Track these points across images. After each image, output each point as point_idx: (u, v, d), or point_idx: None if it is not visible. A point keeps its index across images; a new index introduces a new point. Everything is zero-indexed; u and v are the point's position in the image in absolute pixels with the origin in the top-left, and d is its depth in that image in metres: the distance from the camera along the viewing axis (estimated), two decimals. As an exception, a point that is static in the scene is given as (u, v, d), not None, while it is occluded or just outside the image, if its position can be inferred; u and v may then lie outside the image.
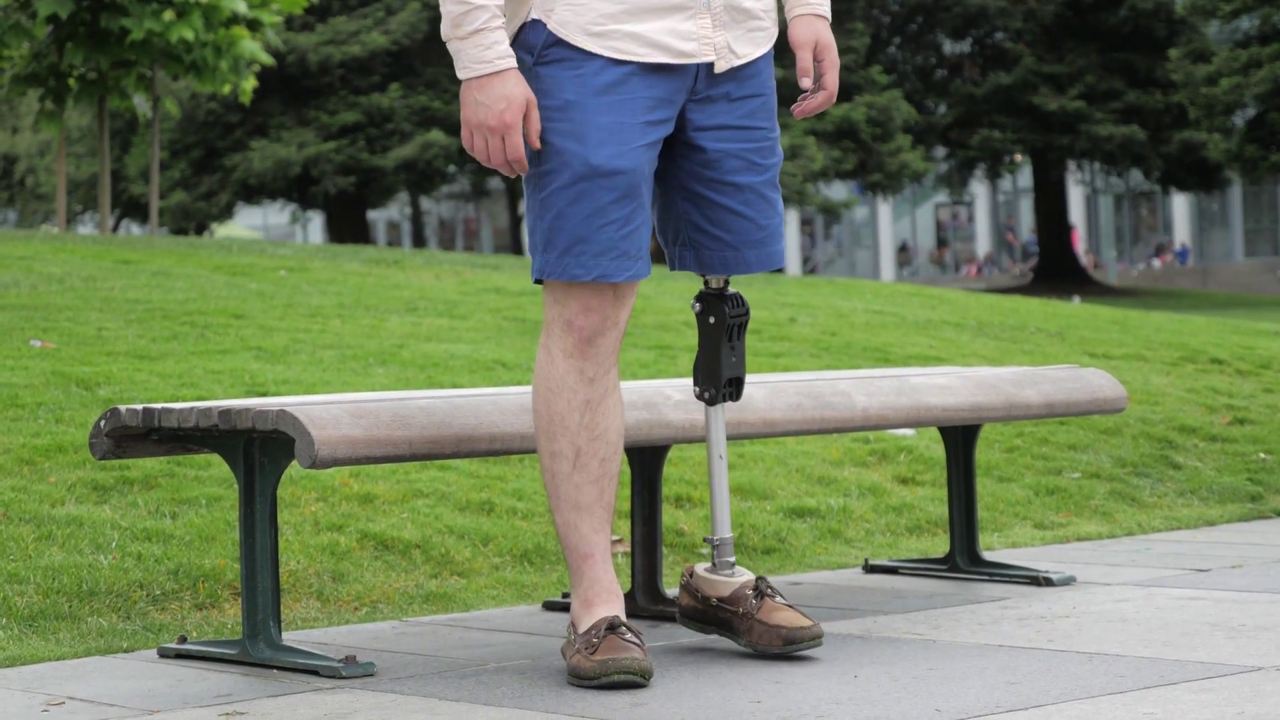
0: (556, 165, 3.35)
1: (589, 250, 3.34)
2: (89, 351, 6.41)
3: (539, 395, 3.41)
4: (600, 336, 3.38)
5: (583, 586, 3.41)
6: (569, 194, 3.35)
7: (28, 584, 4.04)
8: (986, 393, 4.36)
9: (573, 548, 3.41)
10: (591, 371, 3.38)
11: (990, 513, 5.56)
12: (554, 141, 3.35)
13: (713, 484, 3.63)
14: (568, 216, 3.35)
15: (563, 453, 3.39)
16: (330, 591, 4.26)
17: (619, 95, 3.36)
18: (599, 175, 3.34)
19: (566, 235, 3.35)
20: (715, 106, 3.47)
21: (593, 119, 3.34)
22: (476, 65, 3.29)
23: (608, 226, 3.35)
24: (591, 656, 3.29)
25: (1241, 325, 11.53)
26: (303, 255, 12.11)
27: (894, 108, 35.42)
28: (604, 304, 3.38)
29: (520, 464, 5.30)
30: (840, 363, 7.68)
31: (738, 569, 3.64)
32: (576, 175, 3.34)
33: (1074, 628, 3.82)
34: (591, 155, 3.34)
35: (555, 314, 3.39)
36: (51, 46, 16.30)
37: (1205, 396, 7.42)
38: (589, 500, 3.39)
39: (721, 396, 3.62)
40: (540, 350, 3.42)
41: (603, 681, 3.27)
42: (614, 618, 3.35)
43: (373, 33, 34.46)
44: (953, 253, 60.51)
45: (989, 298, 13.07)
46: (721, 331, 3.59)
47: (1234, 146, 34.03)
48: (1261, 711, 2.93)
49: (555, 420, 3.38)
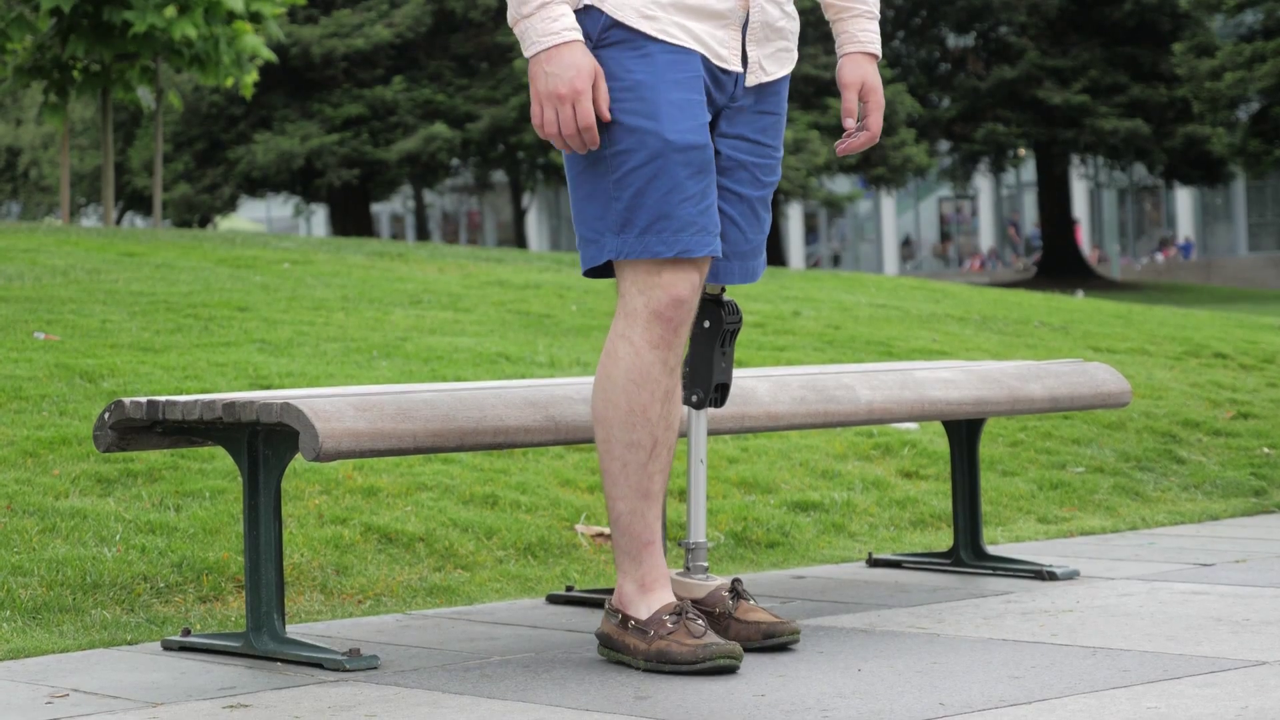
0: (632, 144, 3.36)
1: (669, 227, 3.35)
2: (93, 344, 6.41)
3: (618, 387, 3.38)
4: (684, 326, 3.38)
5: (640, 572, 3.41)
6: (646, 171, 3.35)
7: (32, 576, 4.04)
8: (990, 387, 4.36)
9: (636, 535, 3.41)
10: (673, 361, 3.39)
11: (994, 507, 5.56)
12: (625, 121, 3.36)
13: (691, 488, 3.64)
14: (647, 194, 3.35)
15: (641, 443, 3.38)
16: (334, 584, 4.26)
17: (685, 73, 3.40)
18: (675, 151, 3.36)
19: (647, 213, 3.35)
20: (739, 116, 3.52)
21: (664, 95, 3.37)
22: (544, 38, 3.32)
23: (686, 202, 3.36)
24: (685, 641, 3.30)
25: (1245, 319, 11.52)
26: (306, 248, 12.11)
27: (898, 102, 35.43)
28: (690, 287, 3.37)
29: (524, 457, 5.30)
30: (844, 356, 7.67)
31: (710, 575, 3.64)
32: (654, 152, 3.35)
33: (1077, 622, 3.82)
34: (666, 131, 3.36)
35: (640, 304, 3.36)
36: (55, 39, 16.30)
37: (1209, 391, 7.42)
38: (658, 489, 3.41)
39: (708, 401, 3.62)
40: (619, 342, 3.38)
41: (701, 667, 3.29)
42: (680, 603, 3.38)
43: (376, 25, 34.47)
44: (956, 247, 60.49)
45: (993, 292, 13.07)
46: (715, 337, 3.59)
47: (1238, 140, 34.02)
48: (1265, 706, 2.93)
49: (637, 411, 3.37)
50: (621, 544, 3.43)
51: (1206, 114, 34.25)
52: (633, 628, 3.37)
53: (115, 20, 15.52)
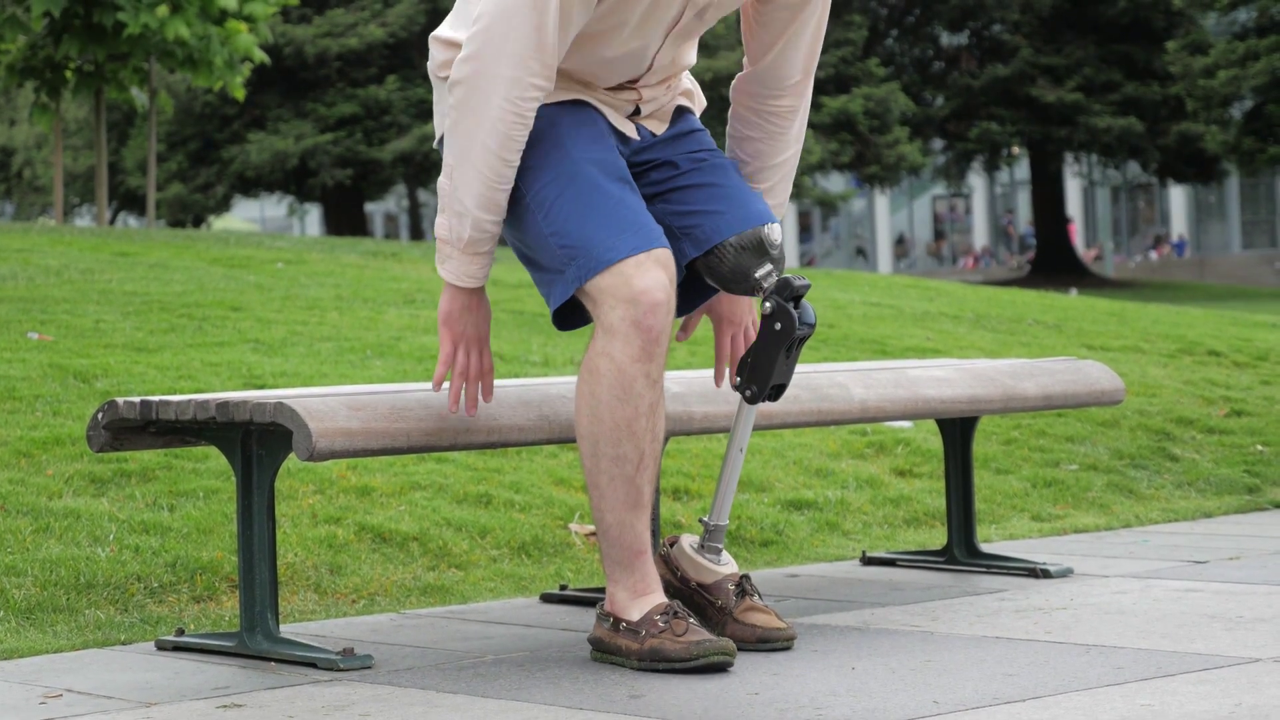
0: (546, 176, 3.40)
1: (613, 231, 3.34)
2: (86, 344, 6.40)
3: (602, 403, 3.35)
4: (663, 335, 3.34)
5: (633, 580, 3.40)
6: (567, 191, 3.37)
7: (25, 576, 4.04)
8: (984, 385, 4.36)
9: (626, 545, 3.40)
10: (656, 374, 3.36)
11: (988, 505, 5.56)
12: (534, 161, 3.41)
13: (726, 472, 3.62)
14: (575, 209, 3.36)
15: (628, 457, 3.36)
16: (328, 584, 4.26)
17: (584, 114, 3.50)
18: (586, 162, 3.40)
19: (586, 228, 3.35)
20: (653, 149, 3.60)
21: (566, 130, 3.45)
22: (467, 278, 3.44)
23: (617, 205, 3.37)
24: (678, 639, 3.31)
25: (1239, 317, 11.53)
26: (300, 247, 12.10)
27: (891, 100, 35.43)
28: (663, 288, 3.33)
29: (518, 456, 5.30)
30: (838, 355, 7.68)
31: (724, 556, 3.64)
32: (564, 170, 3.39)
33: (1071, 619, 3.82)
34: (571, 149, 3.41)
35: (617, 318, 3.32)
36: (48, 39, 16.29)
37: (1203, 388, 7.43)
38: (646, 499, 3.40)
39: (763, 397, 3.59)
40: (600, 359, 3.34)
41: (695, 664, 3.29)
42: (671, 604, 3.38)
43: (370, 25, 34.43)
44: (950, 245, 60.51)
45: (986, 290, 13.07)
46: (784, 341, 3.52)
47: (1231, 138, 34.03)
48: (1259, 703, 2.93)
49: (623, 426, 3.35)
50: (612, 554, 3.42)
51: (1200, 112, 34.25)
52: (624, 629, 3.37)
53: (107, 23, 15.50)
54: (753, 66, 3.65)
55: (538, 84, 3.32)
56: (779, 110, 3.67)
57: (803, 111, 3.70)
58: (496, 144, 3.33)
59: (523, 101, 3.31)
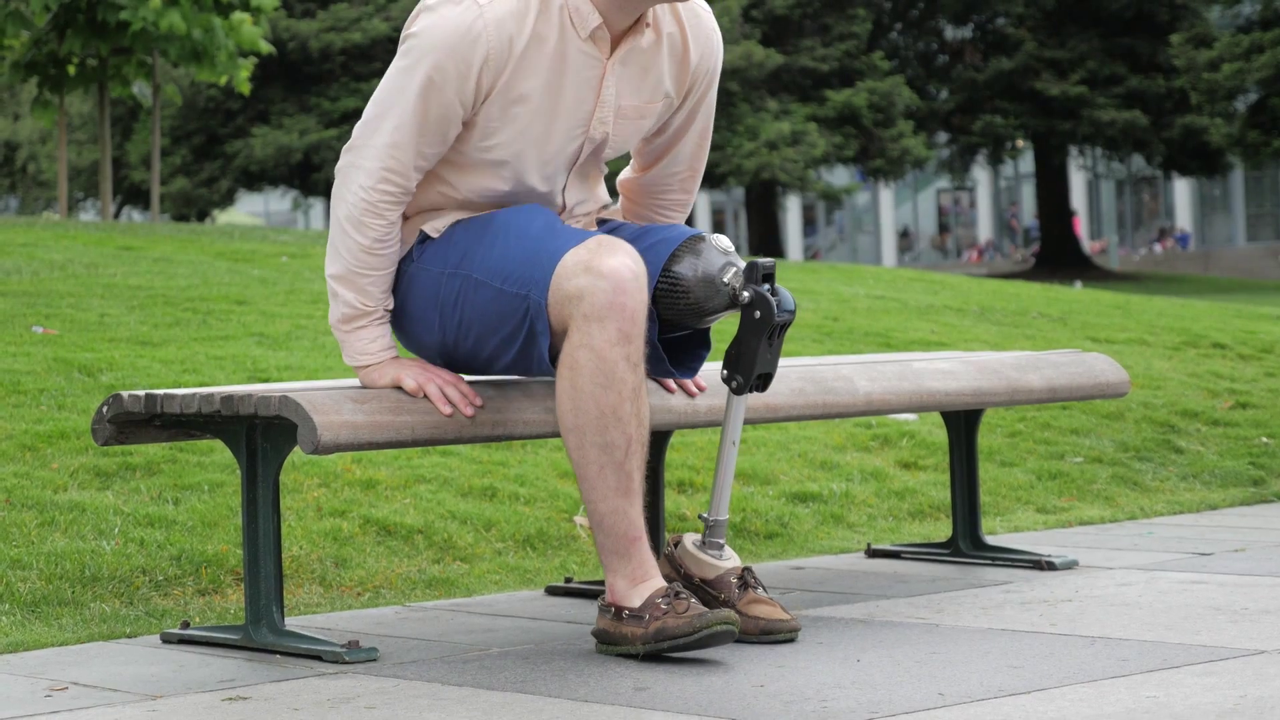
0: (485, 245, 3.48)
1: (553, 242, 3.41)
2: (91, 338, 6.41)
3: (585, 393, 3.35)
4: (640, 314, 3.34)
5: (630, 567, 3.40)
6: (503, 236, 3.47)
7: (30, 570, 4.04)
8: (989, 377, 4.36)
9: (621, 533, 3.40)
10: (635, 357, 3.36)
11: (992, 497, 5.56)
12: (464, 236, 3.52)
13: (721, 467, 3.62)
14: (518, 246, 3.44)
15: (616, 443, 3.37)
16: (333, 577, 4.26)
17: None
18: (511, 214, 3.52)
19: (525, 251, 3.42)
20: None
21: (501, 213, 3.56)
22: (362, 356, 3.54)
23: (552, 225, 3.47)
24: (680, 616, 3.31)
25: (1243, 310, 11.53)
26: (304, 241, 12.10)
27: (896, 93, 35.40)
28: (630, 262, 3.35)
29: (522, 449, 5.30)
30: (842, 348, 7.68)
31: (726, 550, 3.64)
32: (500, 225, 3.49)
33: (1076, 611, 3.82)
34: (498, 215, 3.53)
35: (590, 306, 3.33)
36: (51, 34, 16.30)
37: (1207, 381, 7.42)
38: (637, 485, 3.40)
39: (749, 388, 3.59)
40: (579, 351, 3.34)
41: (700, 636, 3.30)
42: (671, 586, 3.39)
43: (374, 19, 34.44)
44: (954, 238, 60.48)
45: (991, 283, 13.06)
46: (764, 329, 3.54)
47: (1236, 131, 33.99)
48: (1264, 694, 2.93)
49: (608, 414, 3.35)
50: (608, 544, 3.42)
51: (1204, 105, 34.20)
52: (628, 617, 3.37)
53: (110, 20, 15.51)
54: (638, 175, 3.81)
55: (394, 180, 3.47)
56: (669, 204, 3.85)
57: (693, 197, 3.87)
58: (352, 227, 3.49)
59: (374, 192, 3.47)
